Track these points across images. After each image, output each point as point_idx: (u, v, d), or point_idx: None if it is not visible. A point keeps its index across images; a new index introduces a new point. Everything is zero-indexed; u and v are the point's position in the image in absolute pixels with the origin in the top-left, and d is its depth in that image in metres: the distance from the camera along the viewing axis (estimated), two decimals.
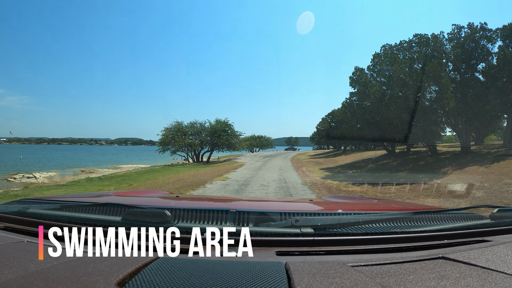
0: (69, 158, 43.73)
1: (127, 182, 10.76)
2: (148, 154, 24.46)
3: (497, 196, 6.89)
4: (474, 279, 0.56)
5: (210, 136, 26.04)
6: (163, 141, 24.93)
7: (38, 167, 24.01)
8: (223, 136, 25.85)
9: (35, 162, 31.29)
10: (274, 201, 1.86)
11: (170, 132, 25.15)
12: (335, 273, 0.57)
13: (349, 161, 21.30)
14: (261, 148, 60.65)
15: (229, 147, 26.77)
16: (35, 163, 30.46)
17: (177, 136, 24.92)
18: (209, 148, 27.09)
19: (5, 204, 1.12)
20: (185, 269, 0.57)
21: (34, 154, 50.40)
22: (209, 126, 26.61)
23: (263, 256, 0.70)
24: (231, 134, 26.64)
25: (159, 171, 15.86)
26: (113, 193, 1.78)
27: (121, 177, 13.37)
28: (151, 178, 12.16)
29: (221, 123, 26.79)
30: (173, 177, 12.12)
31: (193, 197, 2.02)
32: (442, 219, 0.98)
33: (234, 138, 26.95)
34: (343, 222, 0.87)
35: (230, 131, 26.76)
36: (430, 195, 7.23)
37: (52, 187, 10.36)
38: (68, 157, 46.33)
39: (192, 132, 26.50)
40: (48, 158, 40.62)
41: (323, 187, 9.18)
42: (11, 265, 0.59)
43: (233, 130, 27.06)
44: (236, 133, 27.48)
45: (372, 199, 1.96)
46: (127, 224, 0.84)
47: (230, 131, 26.76)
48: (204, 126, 26.81)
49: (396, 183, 8.88)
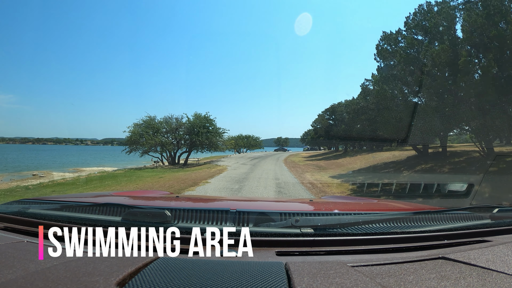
0: (37, 159, 39.14)
1: (59, 193, 8.52)
2: (128, 155, 21.29)
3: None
4: (474, 279, 0.56)
5: (188, 133, 21.88)
6: (130, 139, 20.59)
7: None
8: (203, 133, 21.57)
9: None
10: (274, 201, 1.86)
11: (141, 128, 20.95)
12: (335, 273, 0.57)
13: (363, 165, 16.96)
14: (249, 148, 55.62)
15: (210, 147, 22.57)
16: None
17: (147, 134, 20.61)
18: (187, 149, 22.90)
19: (5, 204, 1.12)
20: (185, 269, 0.57)
21: (1, 155, 45.43)
22: (186, 122, 22.31)
23: (263, 256, 0.70)
24: (212, 131, 22.40)
25: (115, 177, 13.12)
26: (113, 193, 1.78)
27: (61, 185, 10.83)
28: (94, 187, 9.94)
29: (200, 118, 22.24)
30: (125, 186, 9.88)
31: (193, 197, 2.03)
32: (442, 219, 0.98)
33: (216, 136, 22.61)
34: (343, 222, 0.87)
35: (211, 127, 22.52)
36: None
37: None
38: (37, 158, 42.07)
39: (167, 129, 22.27)
40: (10, 160, 35.25)
41: None
42: (11, 265, 0.59)
43: (215, 126, 22.71)
44: (218, 130, 23.06)
45: (372, 199, 1.96)
46: (127, 224, 0.84)
47: (211, 127, 22.52)
48: (181, 122, 22.42)
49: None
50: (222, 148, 24.45)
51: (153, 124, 21.48)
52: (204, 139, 21.52)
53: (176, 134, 22.31)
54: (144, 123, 21.36)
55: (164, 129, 22.18)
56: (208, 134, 22.02)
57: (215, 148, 23.04)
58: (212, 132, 22.41)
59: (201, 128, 21.76)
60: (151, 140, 20.17)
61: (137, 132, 20.78)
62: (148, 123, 21.42)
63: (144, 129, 20.93)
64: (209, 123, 22.61)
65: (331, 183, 10.32)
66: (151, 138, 20.27)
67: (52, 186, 10.71)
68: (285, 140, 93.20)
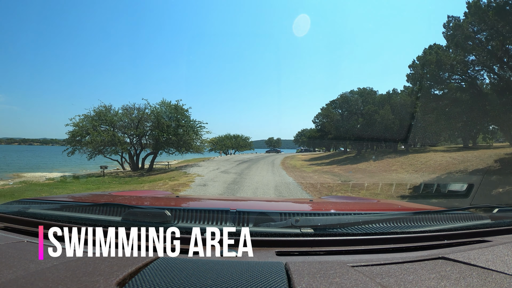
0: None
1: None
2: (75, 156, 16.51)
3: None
4: (474, 279, 0.56)
5: (153, 129, 16.43)
6: (72, 136, 15.30)
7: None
8: (170, 128, 15.95)
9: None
10: (274, 201, 1.86)
11: (89, 121, 15.68)
12: (335, 273, 0.57)
13: (421, 176, 11.47)
14: (238, 150, 48.11)
15: (181, 146, 16.74)
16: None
17: (92, 129, 15.30)
18: (170, 149, 17.24)
19: (5, 204, 1.12)
20: (185, 269, 0.57)
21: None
22: (149, 112, 16.58)
23: (263, 256, 0.70)
24: (185, 126, 16.50)
25: (39, 189, 9.84)
26: (113, 192, 1.78)
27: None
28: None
29: (169, 107, 16.53)
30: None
31: (193, 197, 2.03)
32: (442, 219, 0.98)
33: (190, 132, 16.73)
34: (343, 222, 0.87)
35: (184, 120, 16.74)
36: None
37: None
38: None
39: (126, 122, 16.84)
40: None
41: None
42: (11, 265, 0.59)
43: (188, 118, 17.04)
44: (194, 126, 17.18)
45: (372, 199, 1.96)
46: (127, 224, 0.84)
47: (184, 120, 16.74)
48: (144, 114, 16.65)
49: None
50: (199, 149, 18.21)
51: (106, 117, 16.06)
52: (172, 135, 15.80)
53: (138, 129, 16.60)
54: (96, 115, 16.04)
55: (123, 123, 16.80)
56: (178, 130, 16.25)
57: (187, 148, 17.09)
58: (184, 127, 16.48)
59: (171, 120, 16.13)
60: (97, 137, 14.88)
61: (84, 126, 15.41)
62: (101, 114, 16.07)
63: (94, 122, 15.66)
64: (181, 114, 16.65)
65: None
66: (98, 134, 15.06)
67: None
68: (277, 141, 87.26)
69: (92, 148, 15.47)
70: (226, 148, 45.06)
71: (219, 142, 43.44)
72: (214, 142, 42.14)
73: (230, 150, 46.36)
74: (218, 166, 17.46)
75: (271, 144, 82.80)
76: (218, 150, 42.00)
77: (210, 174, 13.06)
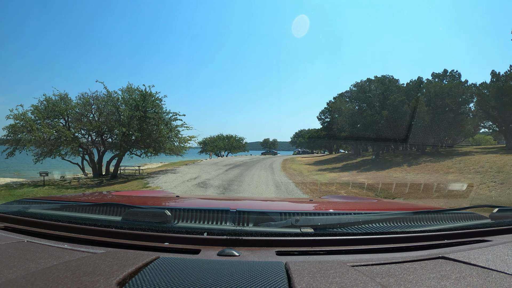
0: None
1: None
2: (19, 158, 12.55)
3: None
4: (474, 279, 0.56)
5: (113, 124, 12.40)
6: (10, 132, 12.10)
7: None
8: (135, 123, 12.14)
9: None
10: (274, 201, 1.86)
11: (37, 114, 12.40)
12: (335, 273, 0.57)
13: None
14: (231, 151, 43.54)
15: (147, 146, 13.09)
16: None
17: (34, 123, 11.99)
18: (135, 150, 13.75)
19: (5, 204, 1.12)
20: (185, 269, 0.57)
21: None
22: (108, 101, 12.97)
23: (263, 256, 0.70)
24: (155, 119, 12.61)
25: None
26: (113, 192, 1.78)
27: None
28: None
29: (139, 94, 12.70)
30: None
31: (193, 197, 2.03)
32: (442, 219, 0.98)
33: (163, 129, 13.15)
34: (343, 222, 0.87)
35: (153, 110, 12.87)
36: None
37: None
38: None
39: (79, 115, 13.28)
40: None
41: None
42: (11, 265, 0.59)
43: (160, 108, 13.30)
44: (169, 120, 13.66)
45: (372, 199, 1.96)
46: (127, 224, 0.84)
47: (153, 110, 12.87)
48: (107, 104, 13.02)
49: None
50: (178, 150, 14.46)
51: (58, 109, 12.64)
52: (134, 131, 11.99)
53: (93, 124, 12.98)
54: (46, 106, 12.66)
55: (77, 115, 13.26)
56: (143, 124, 12.31)
57: (156, 150, 13.38)
58: (152, 119, 12.47)
59: (133, 110, 12.20)
60: (39, 135, 11.67)
61: (28, 120, 12.00)
62: (52, 105, 12.65)
63: (39, 114, 12.35)
64: (151, 105, 12.74)
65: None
66: (38, 130, 11.81)
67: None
68: (273, 142, 79.01)
69: (36, 147, 12.23)
70: (218, 149, 41.36)
71: (210, 143, 40.77)
72: (205, 143, 40.22)
73: (222, 151, 42.60)
74: (200, 173, 13.31)
75: (266, 145, 74.74)
76: (209, 152, 38.10)
77: (180, 187, 9.02)
